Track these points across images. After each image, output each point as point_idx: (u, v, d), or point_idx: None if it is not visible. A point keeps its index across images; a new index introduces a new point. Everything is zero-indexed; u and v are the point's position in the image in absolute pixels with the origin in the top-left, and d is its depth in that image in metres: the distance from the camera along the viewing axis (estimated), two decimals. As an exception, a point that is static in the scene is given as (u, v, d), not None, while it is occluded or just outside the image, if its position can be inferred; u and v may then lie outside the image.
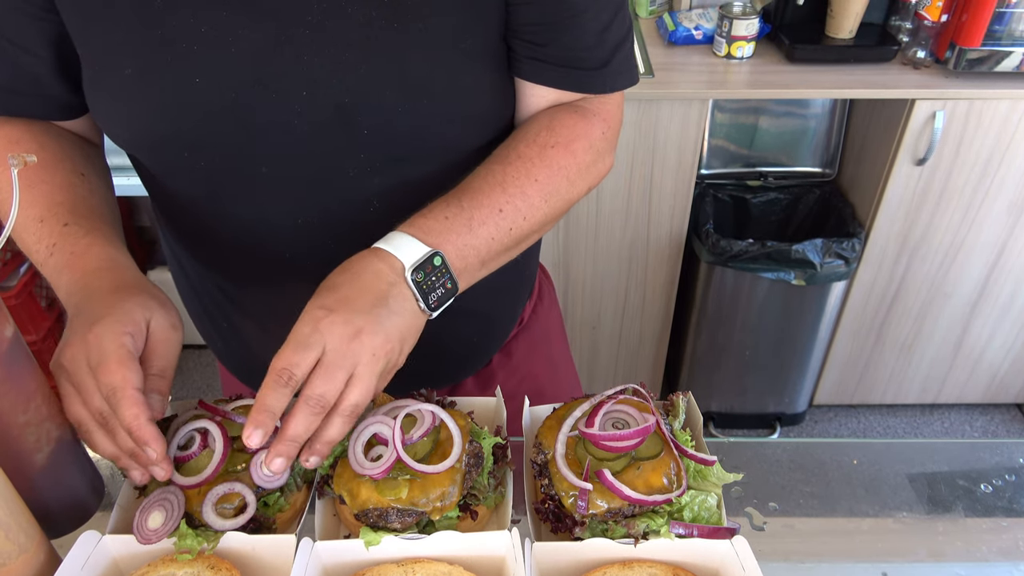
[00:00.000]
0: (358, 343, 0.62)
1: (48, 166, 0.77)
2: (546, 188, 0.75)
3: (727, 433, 2.50)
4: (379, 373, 0.64)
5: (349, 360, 0.62)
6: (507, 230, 0.73)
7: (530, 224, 0.75)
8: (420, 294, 0.67)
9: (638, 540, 0.66)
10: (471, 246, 0.71)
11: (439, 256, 0.68)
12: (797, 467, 0.87)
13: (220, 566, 0.65)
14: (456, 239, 0.70)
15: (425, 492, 0.67)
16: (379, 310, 0.64)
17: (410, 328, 0.67)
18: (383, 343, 0.64)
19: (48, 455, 0.66)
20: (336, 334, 0.62)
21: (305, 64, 0.69)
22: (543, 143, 0.77)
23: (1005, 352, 2.34)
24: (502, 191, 0.73)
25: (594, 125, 0.80)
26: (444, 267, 0.68)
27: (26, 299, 2.21)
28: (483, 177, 0.74)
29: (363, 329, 0.63)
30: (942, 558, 0.78)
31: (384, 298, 0.65)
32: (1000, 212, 2.01)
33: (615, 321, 2.31)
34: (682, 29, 2.04)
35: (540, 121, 0.79)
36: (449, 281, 0.69)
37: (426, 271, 0.67)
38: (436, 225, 0.70)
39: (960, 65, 1.82)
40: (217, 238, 0.85)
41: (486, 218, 0.72)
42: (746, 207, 2.26)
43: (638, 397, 0.74)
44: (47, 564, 0.65)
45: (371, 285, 0.65)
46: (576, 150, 0.78)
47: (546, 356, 1.10)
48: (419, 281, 0.66)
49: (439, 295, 0.68)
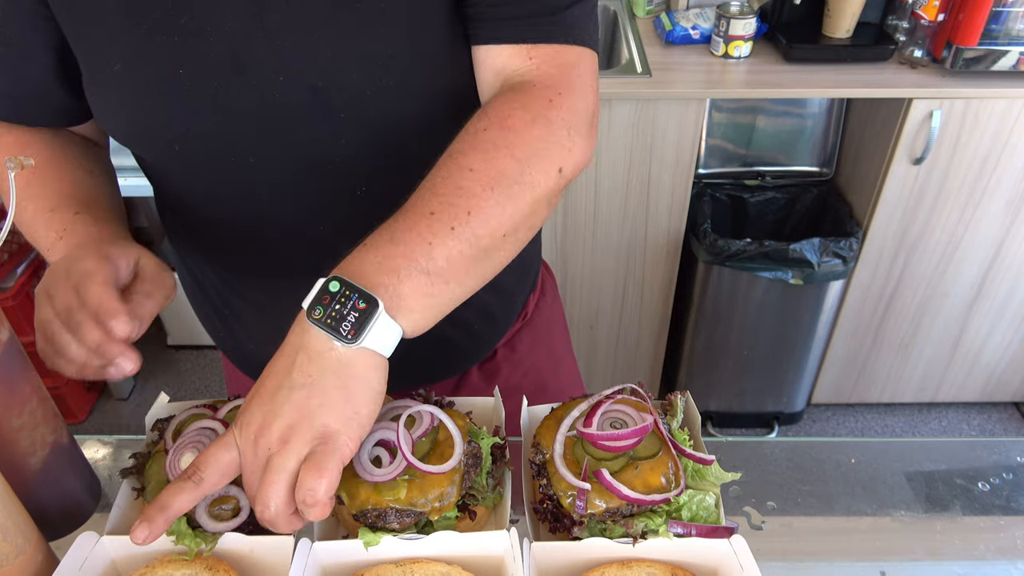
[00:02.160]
0: (262, 440, 0.59)
1: (58, 165, 0.79)
2: (486, 175, 0.66)
3: (725, 432, 2.50)
4: (292, 462, 0.58)
5: (256, 462, 0.59)
6: (447, 230, 0.63)
7: (483, 218, 0.65)
8: (328, 330, 0.59)
9: (636, 540, 0.66)
10: (398, 255, 0.62)
11: (335, 280, 0.60)
12: (795, 466, 0.87)
13: (218, 567, 0.65)
14: (372, 255, 0.62)
15: (424, 492, 0.67)
16: (283, 387, 0.59)
17: (331, 390, 0.59)
18: (288, 427, 0.58)
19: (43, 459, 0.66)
20: (241, 435, 0.60)
21: (278, 48, 0.70)
22: (475, 130, 0.69)
23: (1002, 351, 2.34)
24: (432, 195, 0.65)
25: (534, 94, 0.70)
26: (346, 288, 0.60)
27: (23, 299, 2.21)
28: (415, 193, 0.67)
29: (264, 420, 0.59)
30: (940, 557, 0.78)
31: (289, 366, 0.60)
32: (997, 211, 2.01)
33: (613, 320, 2.31)
34: (679, 29, 2.04)
35: (475, 114, 0.72)
36: (361, 300, 0.59)
37: (324, 304, 0.60)
38: (349, 257, 0.64)
39: (957, 64, 1.83)
40: (215, 230, 0.86)
41: (412, 224, 0.63)
42: (744, 206, 2.26)
43: (636, 397, 0.74)
44: (45, 565, 0.65)
45: (279, 363, 0.61)
46: (514, 125, 0.68)
47: (549, 350, 1.10)
48: (319, 318, 0.59)
49: (353, 320, 0.59)
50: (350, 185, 0.79)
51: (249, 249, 0.86)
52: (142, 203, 2.56)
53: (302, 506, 0.57)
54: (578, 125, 0.72)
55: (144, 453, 0.75)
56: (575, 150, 0.71)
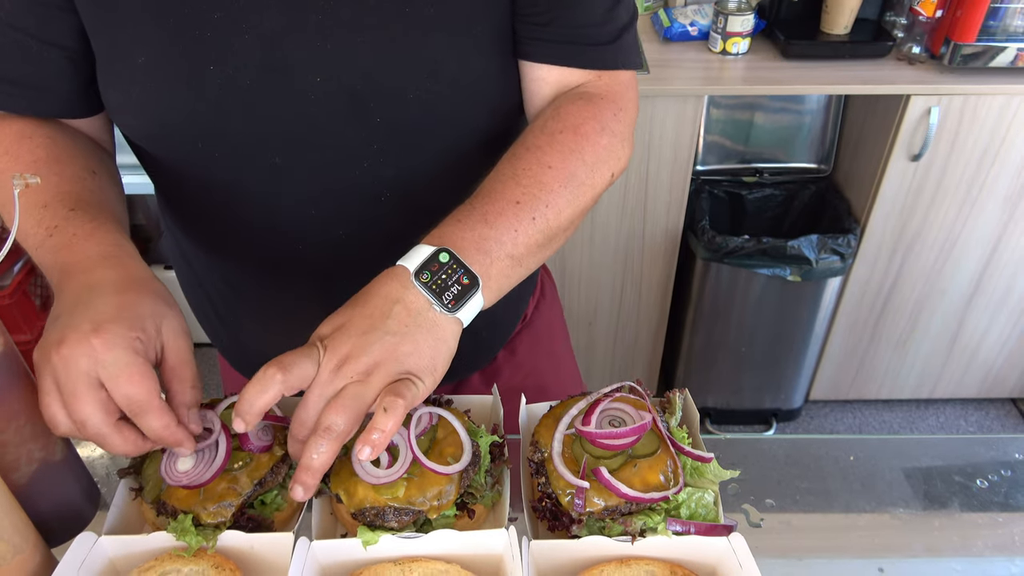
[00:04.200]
0: (348, 366, 0.61)
1: (59, 159, 0.75)
2: (562, 173, 0.73)
3: (723, 429, 2.50)
4: (368, 396, 0.61)
5: (331, 387, 0.61)
6: (530, 220, 0.70)
7: (555, 212, 0.72)
8: (431, 295, 0.64)
9: (635, 538, 0.66)
10: (492, 239, 0.68)
11: (445, 252, 0.65)
12: (793, 463, 0.87)
13: (225, 566, 0.65)
14: (472, 235, 0.67)
15: (422, 491, 0.67)
16: (377, 327, 0.62)
17: (422, 341, 0.64)
18: (375, 364, 0.61)
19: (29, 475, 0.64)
20: (328, 356, 0.62)
21: (318, 50, 0.69)
22: (551, 130, 0.75)
23: (1000, 347, 2.34)
24: (515, 184, 0.71)
25: (602, 107, 0.78)
26: (454, 262, 0.65)
27: (20, 298, 2.20)
28: (494, 176, 0.73)
29: (355, 349, 0.61)
30: (938, 553, 0.78)
31: (387, 311, 0.63)
32: (995, 207, 2.02)
33: (611, 318, 2.31)
34: (677, 25, 2.04)
35: (545, 113, 0.78)
36: (465, 276, 0.65)
37: (432, 270, 0.65)
38: (448, 229, 0.68)
39: (955, 60, 1.83)
40: (227, 229, 0.85)
41: (502, 210, 0.69)
42: (742, 203, 2.26)
43: (635, 395, 0.74)
44: (43, 565, 0.65)
45: (377, 300, 0.64)
46: (587, 132, 0.75)
47: (549, 352, 1.10)
48: (426, 282, 0.64)
49: (455, 292, 0.65)
50: (375, 190, 0.79)
51: (260, 250, 0.85)
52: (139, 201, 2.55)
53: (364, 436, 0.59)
54: (629, 137, 0.81)
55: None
56: (623, 158, 0.80)
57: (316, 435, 0.59)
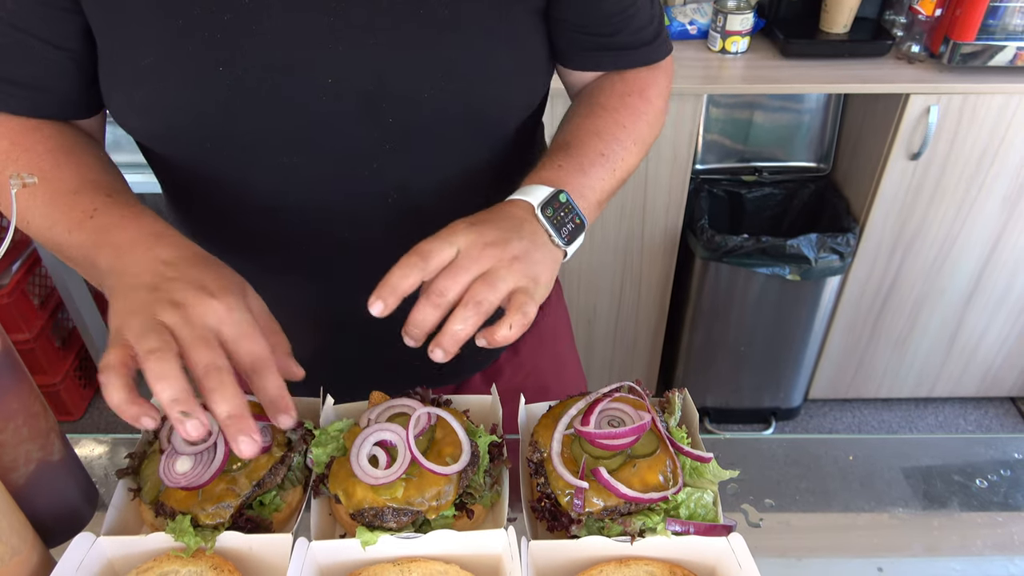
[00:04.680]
0: (491, 249, 0.65)
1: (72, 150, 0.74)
2: (633, 133, 0.82)
3: (722, 428, 2.50)
4: (510, 282, 0.65)
5: (477, 264, 0.64)
6: (611, 171, 0.79)
7: (626, 165, 0.81)
8: (552, 228, 0.71)
9: (634, 538, 0.66)
10: (588, 186, 0.76)
11: (564, 194, 0.72)
12: (793, 463, 0.87)
13: (223, 567, 0.65)
14: (574, 181, 0.75)
15: (421, 491, 0.67)
16: (512, 232, 0.68)
17: (544, 258, 0.69)
18: (513, 257, 0.66)
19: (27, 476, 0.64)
20: (470, 240, 0.66)
21: (330, 51, 0.69)
22: (621, 92, 0.84)
23: (999, 346, 2.34)
24: (598, 139, 0.79)
25: (658, 76, 0.87)
26: (570, 204, 0.73)
27: (19, 297, 2.20)
28: (574, 132, 0.80)
29: (496, 240, 0.66)
30: (937, 553, 0.78)
31: (519, 226, 0.69)
32: (994, 206, 2.02)
33: (611, 317, 2.31)
34: (676, 24, 2.04)
35: (611, 76, 0.86)
36: (577, 217, 0.73)
37: (554, 207, 0.71)
38: (553, 174, 0.75)
39: (954, 59, 1.83)
40: (233, 229, 0.84)
41: (594, 162, 0.77)
42: (741, 202, 2.26)
43: (634, 394, 0.74)
44: (41, 566, 0.64)
45: (507, 215, 0.70)
46: (651, 96, 0.85)
47: (552, 353, 1.10)
48: (549, 216, 0.71)
49: (570, 229, 0.72)
50: (383, 192, 0.79)
51: (266, 250, 0.84)
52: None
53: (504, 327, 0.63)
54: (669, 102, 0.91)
55: (140, 453, 0.75)
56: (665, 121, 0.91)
57: (465, 307, 0.63)
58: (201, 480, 0.68)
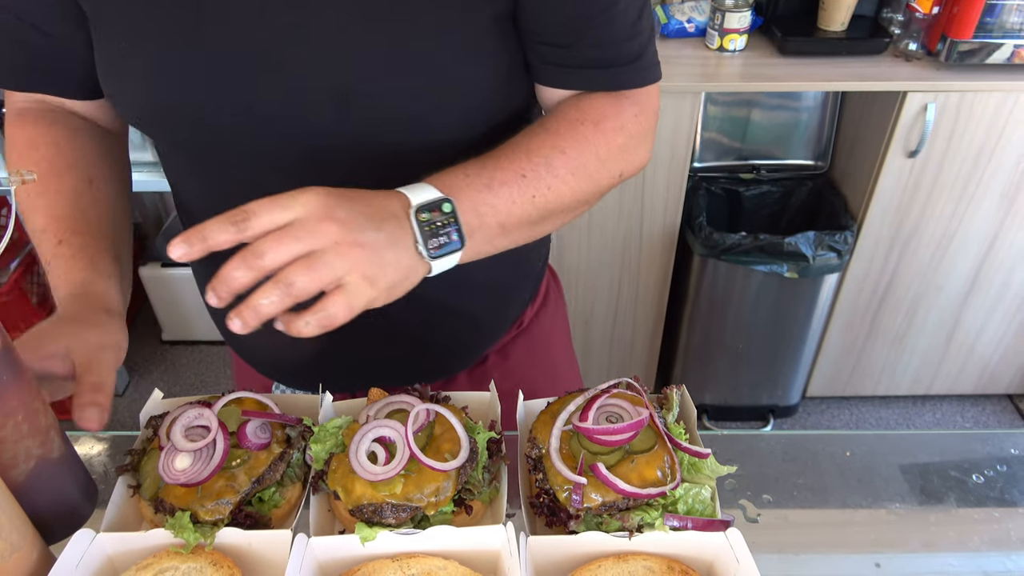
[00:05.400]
0: (332, 226, 0.59)
1: (58, 173, 0.80)
2: (573, 161, 0.74)
3: (720, 425, 2.51)
4: (337, 270, 0.58)
5: (311, 237, 0.58)
6: (530, 197, 0.71)
7: (556, 196, 0.73)
8: (421, 235, 0.64)
9: (632, 533, 0.66)
10: (488, 204, 0.68)
11: (449, 203, 0.65)
12: (791, 459, 0.87)
13: (222, 563, 0.65)
14: (474, 195, 0.68)
15: (420, 487, 0.67)
16: (370, 221, 0.61)
17: (396, 261, 0.62)
18: (357, 244, 0.59)
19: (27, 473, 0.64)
20: (314, 208, 0.59)
21: (303, 46, 0.70)
22: (572, 119, 0.76)
23: (996, 343, 2.35)
24: (527, 159, 0.72)
25: (625, 107, 0.78)
26: (453, 216, 0.65)
27: (17, 296, 2.20)
28: (509, 145, 0.73)
29: (345, 220, 0.59)
30: (935, 549, 0.78)
31: (383, 217, 0.62)
32: (991, 204, 2.02)
33: (609, 315, 2.31)
34: (674, 22, 2.04)
35: (569, 101, 0.78)
36: (456, 233, 0.65)
37: (432, 212, 0.64)
38: (455, 180, 0.68)
39: (952, 57, 1.83)
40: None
41: (507, 180, 0.70)
42: (739, 200, 2.26)
43: (632, 391, 0.74)
44: (40, 562, 0.65)
45: (377, 203, 0.63)
46: (606, 129, 0.76)
47: (545, 362, 1.09)
48: (423, 221, 0.64)
49: (441, 243, 0.65)
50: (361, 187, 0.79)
51: None
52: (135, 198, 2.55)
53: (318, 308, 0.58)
54: (645, 140, 0.81)
55: (139, 450, 0.75)
56: (636, 160, 0.81)
57: (275, 284, 0.57)
58: (200, 476, 0.68)
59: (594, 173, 0.76)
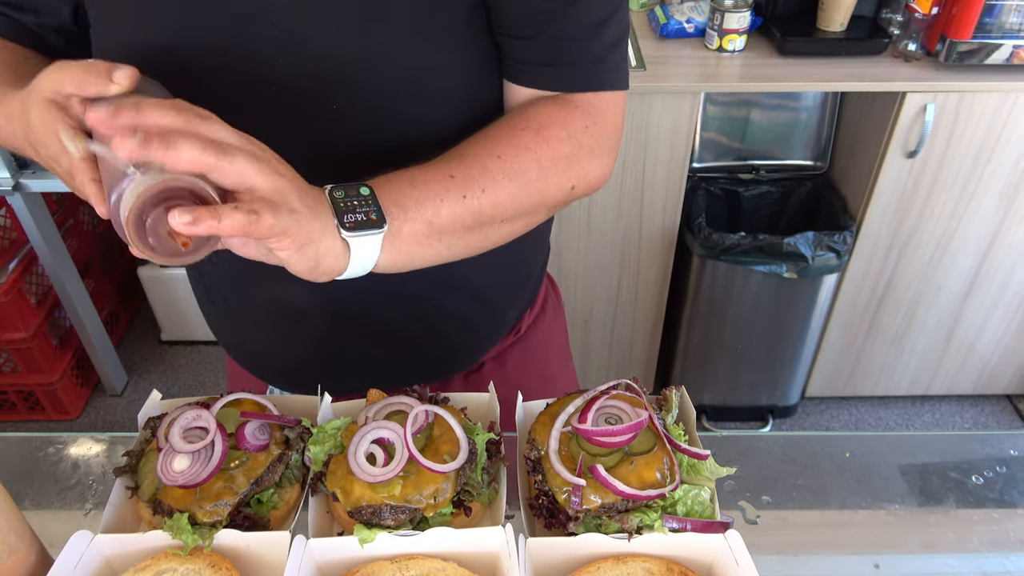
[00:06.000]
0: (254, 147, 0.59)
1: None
2: (510, 166, 0.72)
3: (720, 426, 2.51)
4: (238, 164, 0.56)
5: (238, 139, 0.58)
6: (460, 197, 0.69)
7: (491, 201, 0.71)
8: (336, 209, 0.63)
9: (632, 535, 0.66)
10: (412, 198, 0.67)
11: (367, 188, 0.65)
12: (790, 460, 0.87)
13: (221, 564, 0.65)
14: (394, 189, 0.67)
15: (419, 489, 0.67)
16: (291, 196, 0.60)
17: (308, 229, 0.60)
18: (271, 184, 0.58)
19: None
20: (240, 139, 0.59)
21: (281, 32, 0.70)
22: (513, 125, 0.74)
23: (995, 344, 2.35)
24: (458, 162, 0.71)
25: (574, 116, 0.76)
26: (372, 198, 0.65)
27: (15, 296, 2.19)
28: (446, 152, 0.72)
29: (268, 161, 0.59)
30: (934, 549, 0.78)
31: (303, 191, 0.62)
32: (990, 204, 2.02)
33: (608, 315, 2.31)
34: (674, 22, 2.04)
35: (516, 108, 0.77)
36: (375, 213, 0.64)
37: (348, 192, 0.65)
38: (379, 178, 0.68)
39: (951, 58, 1.83)
40: None
41: (431, 178, 0.69)
42: (738, 200, 2.26)
43: (631, 392, 0.74)
44: (38, 564, 0.65)
45: (297, 181, 0.62)
46: (549, 136, 0.74)
47: (541, 369, 1.08)
48: (337, 198, 0.64)
49: (358, 218, 0.64)
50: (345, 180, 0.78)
51: None
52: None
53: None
54: (601, 153, 0.79)
55: (137, 451, 0.75)
56: (592, 174, 0.79)
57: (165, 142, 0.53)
58: (199, 478, 0.68)
59: (535, 180, 0.73)
